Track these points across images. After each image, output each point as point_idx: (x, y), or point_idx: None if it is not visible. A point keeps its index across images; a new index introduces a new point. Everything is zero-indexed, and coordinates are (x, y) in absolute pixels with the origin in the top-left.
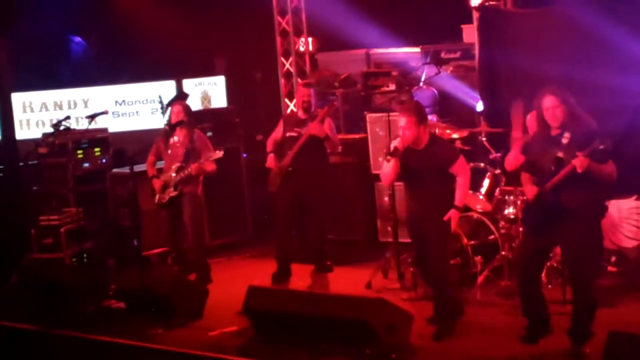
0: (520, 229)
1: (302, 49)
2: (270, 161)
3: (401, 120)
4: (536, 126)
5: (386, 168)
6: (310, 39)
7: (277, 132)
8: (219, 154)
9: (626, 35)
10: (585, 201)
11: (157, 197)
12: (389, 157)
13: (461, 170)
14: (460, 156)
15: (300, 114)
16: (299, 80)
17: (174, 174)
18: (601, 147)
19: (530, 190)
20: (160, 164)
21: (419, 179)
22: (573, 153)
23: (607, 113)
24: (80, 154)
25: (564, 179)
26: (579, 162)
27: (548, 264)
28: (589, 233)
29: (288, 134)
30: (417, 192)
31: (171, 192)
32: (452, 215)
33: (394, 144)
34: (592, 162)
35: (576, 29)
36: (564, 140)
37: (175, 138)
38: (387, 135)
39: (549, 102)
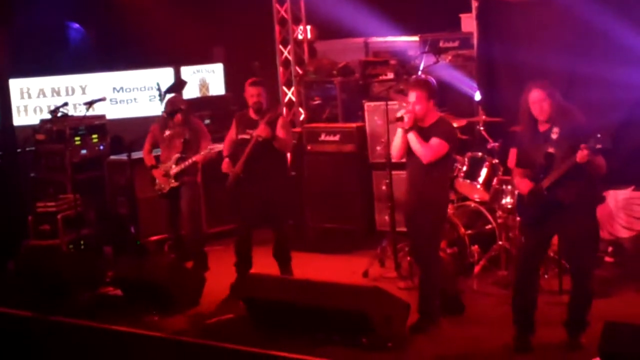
0: (518, 219)
1: (300, 37)
2: (225, 166)
3: (411, 95)
4: (523, 121)
5: (396, 140)
6: (308, 27)
7: (232, 133)
8: (220, 147)
9: (625, 27)
10: (579, 194)
11: (157, 186)
12: (398, 124)
13: (436, 143)
14: (447, 142)
15: (252, 114)
16: (297, 68)
17: (174, 165)
18: (598, 146)
19: (523, 184)
20: (156, 152)
21: (417, 161)
22: (563, 148)
23: (606, 105)
24: (77, 140)
25: (562, 176)
26: (581, 156)
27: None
28: (586, 224)
29: (240, 136)
30: (415, 177)
31: (172, 183)
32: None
33: (401, 112)
34: (592, 156)
35: (575, 19)
36: (554, 136)
37: (172, 128)
38: (385, 124)
39: (535, 96)
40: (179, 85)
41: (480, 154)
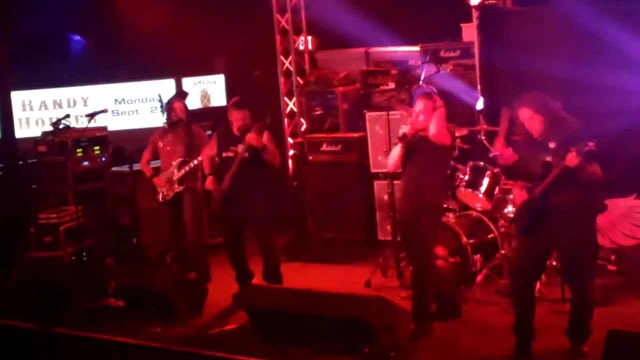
0: None
1: (301, 47)
2: (209, 183)
3: (418, 105)
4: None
5: (394, 152)
6: (309, 38)
7: (212, 148)
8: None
9: (625, 33)
10: (574, 202)
11: (160, 194)
12: (397, 141)
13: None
14: (449, 142)
15: (235, 131)
16: (298, 78)
17: (176, 170)
18: (586, 148)
19: (518, 195)
20: (155, 163)
21: (415, 166)
22: (561, 156)
23: (607, 112)
24: (79, 152)
25: (553, 182)
26: (570, 158)
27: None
28: (582, 232)
29: (224, 154)
30: (411, 183)
31: (176, 188)
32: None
33: (404, 130)
34: (583, 159)
35: (575, 27)
36: (551, 145)
37: (173, 136)
38: (387, 133)
39: (524, 114)
40: (180, 96)
41: (482, 163)
